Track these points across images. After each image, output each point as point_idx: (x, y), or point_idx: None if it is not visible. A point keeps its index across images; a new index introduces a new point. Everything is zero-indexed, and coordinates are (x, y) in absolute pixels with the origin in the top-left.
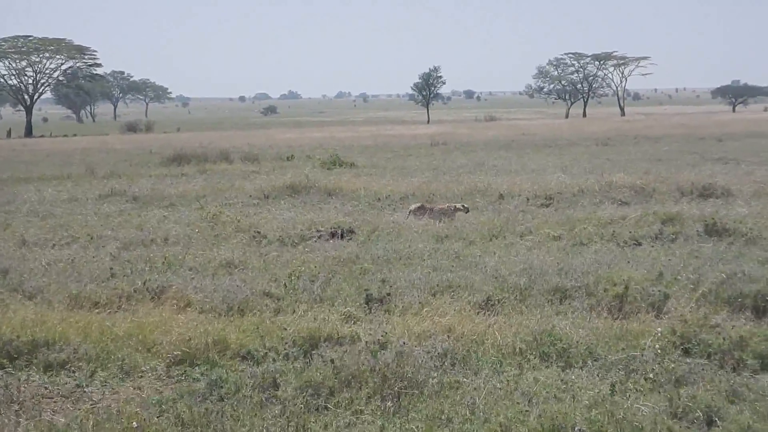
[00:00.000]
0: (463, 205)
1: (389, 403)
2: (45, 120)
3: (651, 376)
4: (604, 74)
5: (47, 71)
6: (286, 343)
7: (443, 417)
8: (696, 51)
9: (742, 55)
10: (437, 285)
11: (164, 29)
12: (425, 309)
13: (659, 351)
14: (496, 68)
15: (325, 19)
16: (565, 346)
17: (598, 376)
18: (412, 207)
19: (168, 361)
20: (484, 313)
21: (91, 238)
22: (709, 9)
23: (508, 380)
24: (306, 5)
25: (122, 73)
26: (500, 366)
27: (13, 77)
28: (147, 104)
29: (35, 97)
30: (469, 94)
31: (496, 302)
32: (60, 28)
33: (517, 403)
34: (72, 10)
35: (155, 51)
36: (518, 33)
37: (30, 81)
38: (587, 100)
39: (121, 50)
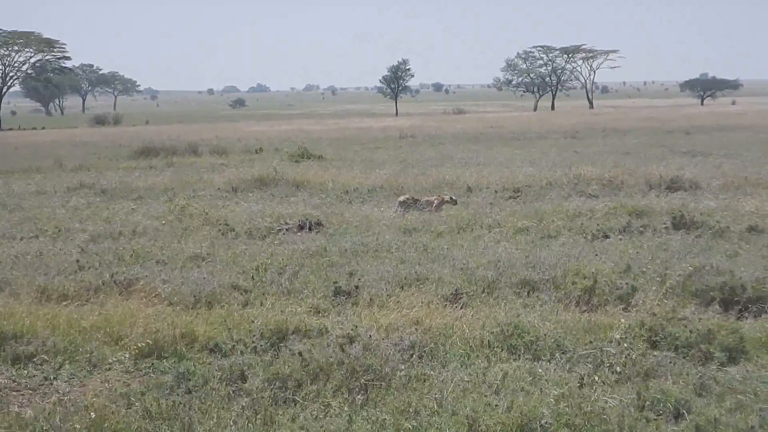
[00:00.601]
0: (451, 197)
1: (357, 396)
2: (13, 113)
3: (619, 369)
4: (573, 67)
5: (16, 64)
6: (254, 335)
7: (411, 410)
8: (665, 44)
9: (710, 48)
10: (405, 278)
11: (133, 22)
12: (393, 301)
13: (627, 344)
14: (464, 61)
15: (293, 12)
16: (533, 338)
17: (566, 368)
18: (401, 199)
19: (136, 353)
20: (452, 306)
21: (59, 231)
22: (678, 2)
23: (475, 373)
24: None
25: (91, 66)
26: (468, 359)
27: None
28: (116, 97)
29: (4, 91)
30: (438, 87)
31: (464, 295)
32: (29, 22)
33: (485, 395)
34: (41, 3)
35: (124, 44)
36: (487, 26)
37: None
38: (555, 93)
39: (90, 43)
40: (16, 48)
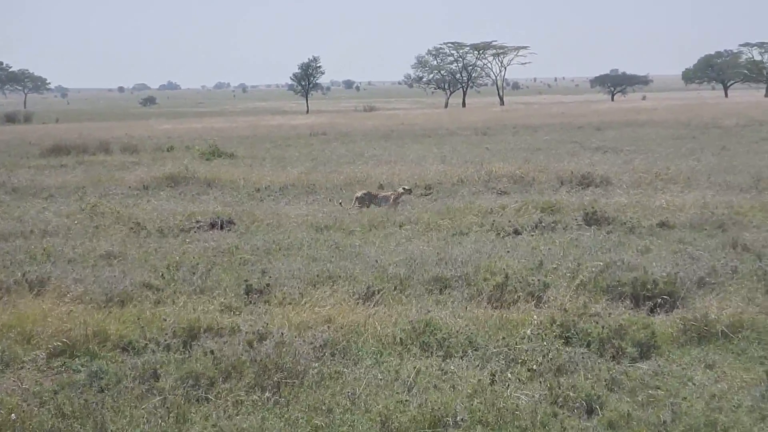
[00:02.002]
0: (403, 188)
1: (269, 394)
2: None
3: (531, 365)
4: (484, 64)
5: None
6: (167, 333)
7: (324, 407)
8: (575, 40)
9: (620, 44)
10: (317, 275)
11: (43, 19)
12: (305, 300)
13: (539, 340)
14: (375, 58)
15: (202, 8)
16: (445, 335)
17: (478, 365)
18: (358, 194)
19: (48, 352)
20: (364, 304)
21: None
22: None
23: (388, 370)
24: None
25: (0, 63)
26: (381, 356)
27: None
28: (26, 95)
29: None
30: (349, 84)
31: (376, 292)
32: None
33: (398, 393)
34: None
35: (34, 42)
36: (397, 22)
37: None
38: (466, 89)
39: None
40: None
